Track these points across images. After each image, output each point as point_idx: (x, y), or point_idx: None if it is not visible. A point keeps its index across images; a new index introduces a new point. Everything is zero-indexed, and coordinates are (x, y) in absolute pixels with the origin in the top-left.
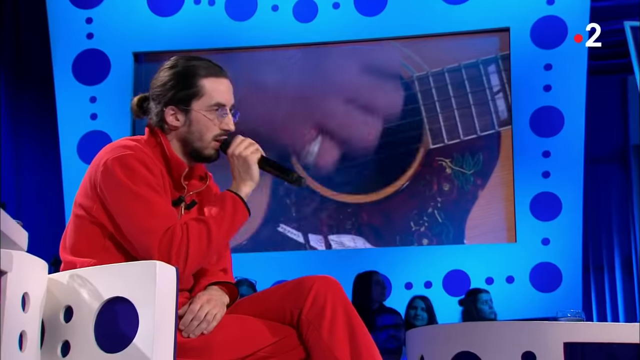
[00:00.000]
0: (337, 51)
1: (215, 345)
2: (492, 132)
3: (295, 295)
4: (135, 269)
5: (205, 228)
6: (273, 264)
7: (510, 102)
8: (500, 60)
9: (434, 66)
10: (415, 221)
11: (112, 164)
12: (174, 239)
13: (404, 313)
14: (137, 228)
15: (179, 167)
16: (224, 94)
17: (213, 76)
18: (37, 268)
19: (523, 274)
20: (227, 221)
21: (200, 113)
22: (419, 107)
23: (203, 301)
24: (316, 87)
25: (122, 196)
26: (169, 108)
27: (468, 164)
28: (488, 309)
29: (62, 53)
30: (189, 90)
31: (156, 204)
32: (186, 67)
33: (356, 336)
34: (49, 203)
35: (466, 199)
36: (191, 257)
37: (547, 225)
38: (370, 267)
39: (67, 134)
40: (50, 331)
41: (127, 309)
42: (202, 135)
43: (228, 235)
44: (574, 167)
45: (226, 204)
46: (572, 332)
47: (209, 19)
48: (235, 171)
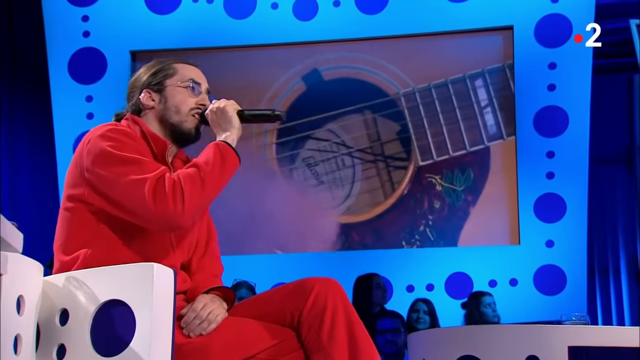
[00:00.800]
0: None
1: (214, 348)
2: (482, 147)
3: (296, 297)
4: (132, 270)
5: (196, 171)
6: (272, 266)
7: (499, 117)
8: (487, 74)
9: (420, 82)
10: (406, 240)
11: (96, 140)
12: (166, 182)
13: (405, 316)
14: (129, 184)
15: (159, 144)
16: (197, 74)
17: (185, 63)
18: (32, 270)
19: (527, 277)
20: (217, 165)
21: (174, 87)
22: (407, 124)
23: (207, 300)
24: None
25: (110, 164)
26: (144, 92)
27: (458, 181)
28: (491, 312)
29: (58, 51)
30: (162, 72)
31: (145, 162)
32: (157, 60)
33: (356, 339)
34: (44, 204)
35: (458, 215)
36: (187, 196)
37: (551, 227)
38: (371, 269)
39: (62, 133)
40: (45, 334)
41: (124, 312)
42: (179, 108)
43: (221, 179)
44: (579, 168)
45: (213, 150)
46: (577, 336)
47: (207, 17)
48: (215, 126)
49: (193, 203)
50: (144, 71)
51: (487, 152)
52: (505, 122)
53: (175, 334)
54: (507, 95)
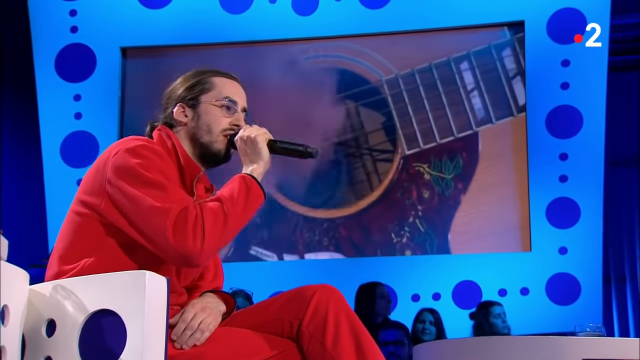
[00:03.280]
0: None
1: (209, 359)
2: (470, 132)
3: (295, 306)
4: (122, 279)
5: (220, 206)
6: (270, 274)
7: (487, 100)
8: (473, 56)
9: (403, 68)
10: (396, 232)
11: (125, 154)
12: (188, 216)
13: (410, 327)
14: (151, 211)
15: (192, 171)
16: (235, 91)
17: (225, 77)
18: (17, 279)
19: (539, 285)
20: (242, 201)
21: (209, 104)
22: (391, 112)
23: (197, 309)
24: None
25: (134, 184)
26: (178, 105)
27: (447, 168)
28: (501, 323)
29: (44, 48)
30: (198, 86)
31: (170, 190)
32: (197, 70)
33: (362, 346)
34: (30, 209)
35: (448, 205)
36: (208, 235)
37: (564, 233)
38: (374, 277)
39: (49, 134)
40: (31, 346)
41: (114, 322)
42: (211, 128)
43: (244, 215)
44: (594, 171)
45: (238, 183)
46: (592, 348)
47: (202, 12)
48: (243, 155)
49: (213, 242)
50: (181, 82)
51: (476, 138)
52: (493, 106)
53: (168, 345)
54: (494, 77)
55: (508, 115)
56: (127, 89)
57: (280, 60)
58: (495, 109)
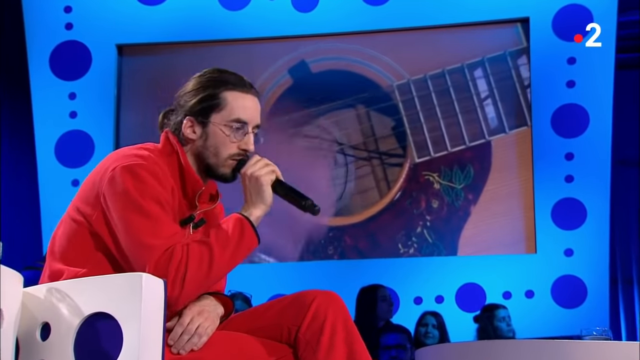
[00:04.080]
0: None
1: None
2: (482, 141)
3: (294, 311)
4: (119, 281)
5: (207, 251)
6: (270, 276)
7: (501, 109)
8: (487, 63)
9: (415, 73)
10: (403, 242)
11: (121, 172)
12: (172, 258)
13: (413, 330)
14: (137, 243)
15: (194, 185)
16: (247, 110)
17: (239, 90)
18: (11, 281)
19: (544, 288)
20: (232, 245)
21: (218, 127)
22: (401, 118)
23: (194, 313)
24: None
25: (126, 208)
26: (187, 119)
27: (458, 178)
28: (506, 327)
29: (39, 45)
30: (210, 101)
31: (161, 222)
32: (212, 76)
33: (355, 357)
34: (23, 209)
35: (457, 216)
36: (188, 281)
37: (570, 235)
38: (375, 280)
39: (43, 133)
40: (25, 350)
41: (110, 326)
42: (218, 152)
43: (232, 261)
44: (600, 171)
45: (233, 227)
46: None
47: (200, 8)
48: (247, 193)
49: (191, 289)
50: (194, 90)
51: (488, 147)
52: (507, 115)
53: (165, 350)
54: (509, 85)
55: (522, 125)
56: (123, 88)
57: (285, 60)
58: (509, 119)
